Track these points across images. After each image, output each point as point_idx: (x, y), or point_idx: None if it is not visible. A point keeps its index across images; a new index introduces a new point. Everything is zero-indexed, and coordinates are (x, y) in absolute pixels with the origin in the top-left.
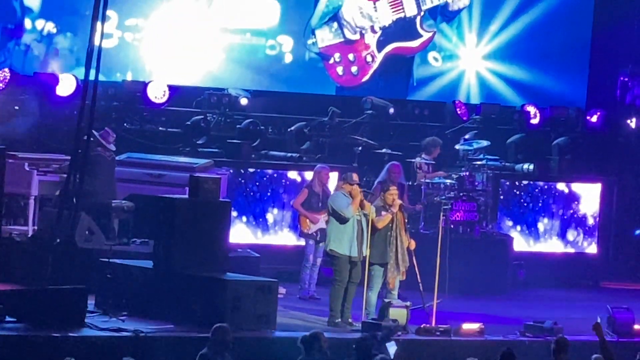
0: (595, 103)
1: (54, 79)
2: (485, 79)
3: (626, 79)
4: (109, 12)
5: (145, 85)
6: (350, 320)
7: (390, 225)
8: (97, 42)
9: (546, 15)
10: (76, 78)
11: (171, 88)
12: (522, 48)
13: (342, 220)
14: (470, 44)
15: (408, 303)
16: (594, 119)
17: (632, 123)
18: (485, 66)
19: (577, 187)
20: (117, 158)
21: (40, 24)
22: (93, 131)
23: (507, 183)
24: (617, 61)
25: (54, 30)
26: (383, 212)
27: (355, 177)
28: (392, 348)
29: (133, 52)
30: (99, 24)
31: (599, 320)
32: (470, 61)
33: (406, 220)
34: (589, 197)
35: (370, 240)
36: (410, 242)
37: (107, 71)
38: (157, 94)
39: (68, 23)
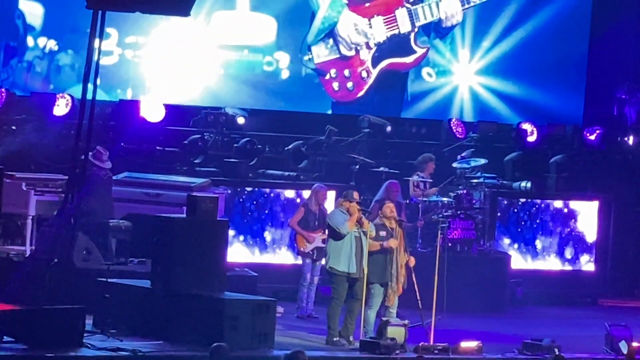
0: (592, 120)
1: (51, 99)
2: (478, 95)
3: (623, 96)
4: (109, 30)
5: (139, 103)
6: (351, 338)
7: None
8: (95, 59)
9: (540, 30)
10: (72, 97)
11: (168, 107)
12: (516, 64)
13: (338, 237)
14: (464, 60)
15: (406, 321)
16: (592, 136)
17: (630, 140)
18: (478, 82)
19: (575, 205)
20: (115, 177)
21: (42, 41)
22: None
23: (505, 201)
24: (613, 78)
25: (56, 48)
26: (382, 232)
27: (355, 195)
28: None
29: (133, 69)
30: (96, 41)
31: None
32: (464, 77)
33: (403, 238)
34: (586, 214)
35: (369, 259)
36: (410, 259)
37: (108, 88)
38: (151, 111)
39: (69, 40)
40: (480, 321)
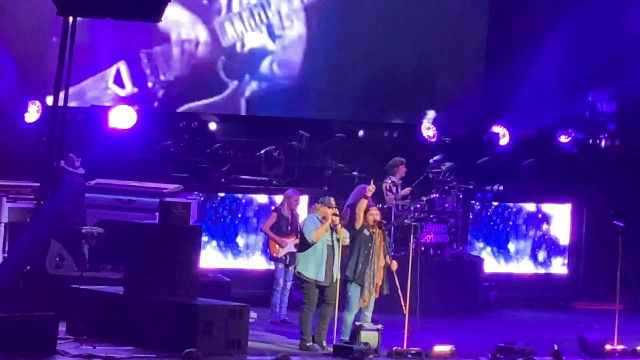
0: (564, 123)
1: (23, 106)
2: None
3: (594, 99)
4: None
5: (111, 109)
6: (324, 343)
7: (370, 244)
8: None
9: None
10: (43, 103)
11: (140, 113)
12: None
13: (307, 244)
14: None
15: (379, 326)
16: (564, 139)
17: (602, 143)
18: None
19: (547, 208)
20: (86, 184)
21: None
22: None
23: (477, 205)
24: (585, 81)
25: None
26: (366, 232)
27: (332, 201)
28: None
29: None
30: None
31: (556, 348)
32: None
33: (385, 241)
34: (559, 217)
35: (350, 259)
36: (392, 263)
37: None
38: (122, 118)
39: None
40: (454, 325)
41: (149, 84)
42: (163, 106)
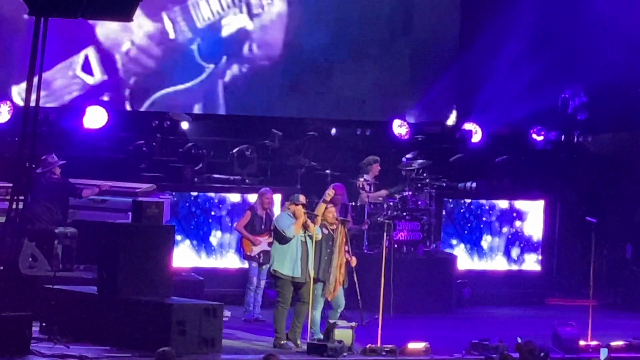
0: (536, 120)
1: None
2: None
3: (567, 96)
4: None
5: (84, 110)
6: (298, 341)
7: (330, 242)
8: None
9: None
10: (14, 103)
11: (112, 113)
12: None
13: (284, 240)
14: None
15: (353, 323)
16: (536, 136)
17: (575, 139)
18: None
19: (521, 205)
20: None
21: None
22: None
23: (451, 202)
24: (558, 78)
25: None
26: (324, 230)
27: (302, 198)
28: None
29: None
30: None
31: (519, 341)
32: None
33: (347, 238)
34: (532, 214)
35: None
36: (352, 259)
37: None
38: (94, 117)
39: None
40: (428, 322)
41: (120, 71)
42: (135, 94)
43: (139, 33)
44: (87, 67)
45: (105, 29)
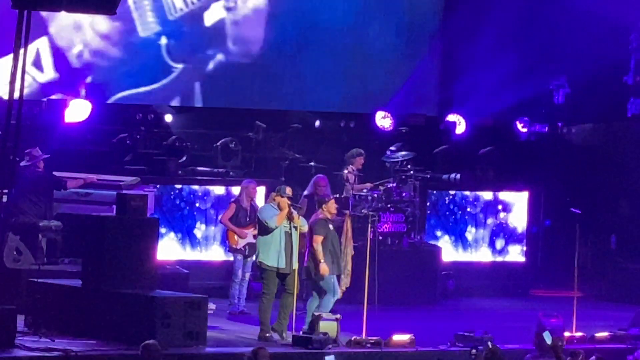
0: (520, 111)
1: None
2: None
3: (551, 87)
4: None
5: (67, 103)
6: (284, 333)
7: (338, 236)
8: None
9: None
10: None
11: (96, 106)
12: None
13: (267, 231)
14: None
15: (338, 315)
16: (520, 127)
17: (559, 131)
18: None
19: (505, 196)
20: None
21: None
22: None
23: (435, 193)
24: (542, 69)
25: None
26: (330, 226)
27: (288, 190)
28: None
29: None
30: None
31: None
32: None
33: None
34: (516, 205)
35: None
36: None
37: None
38: (77, 110)
39: None
40: (412, 314)
41: (75, 67)
42: (91, 94)
43: (99, 24)
44: (37, 63)
45: (61, 17)
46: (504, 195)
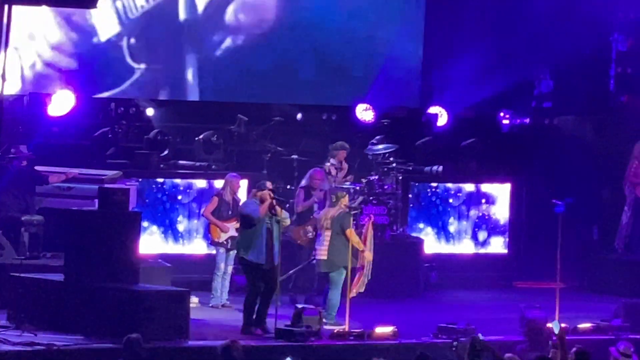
0: (502, 103)
1: None
2: None
3: (533, 79)
4: None
5: (48, 97)
6: (266, 327)
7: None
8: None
9: None
10: None
11: (77, 100)
12: None
13: (250, 224)
14: None
15: (320, 309)
16: (503, 119)
17: (540, 122)
18: None
19: (487, 188)
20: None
21: None
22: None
23: (417, 185)
24: (524, 60)
25: None
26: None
27: (268, 184)
28: None
29: None
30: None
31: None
32: None
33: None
34: (499, 197)
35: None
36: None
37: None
38: (59, 104)
39: None
40: (395, 306)
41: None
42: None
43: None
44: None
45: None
46: (486, 187)
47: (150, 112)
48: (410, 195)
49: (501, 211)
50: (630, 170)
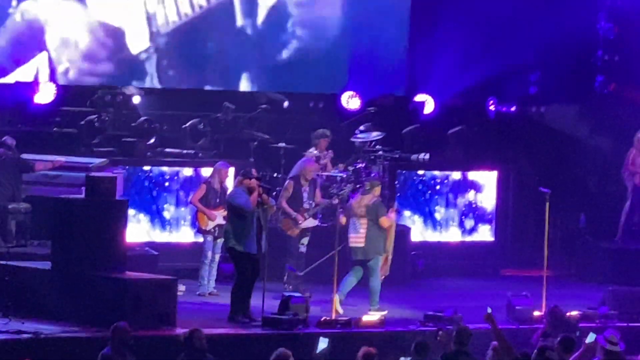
0: (489, 91)
1: None
2: None
3: (520, 67)
4: None
5: (34, 85)
6: (251, 315)
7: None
8: None
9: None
10: None
11: (64, 88)
12: None
13: (242, 216)
14: None
15: (307, 294)
16: (489, 106)
17: (527, 110)
18: None
19: (474, 176)
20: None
21: None
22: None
23: (404, 173)
24: (510, 48)
25: None
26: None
27: (253, 171)
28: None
29: None
30: None
31: (489, 311)
32: None
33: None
34: (485, 185)
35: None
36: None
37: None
38: (43, 92)
39: None
40: (382, 294)
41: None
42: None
43: None
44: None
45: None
46: (473, 175)
47: (136, 100)
48: (397, 183)
49: (488, 199)
50: (629, 159)
